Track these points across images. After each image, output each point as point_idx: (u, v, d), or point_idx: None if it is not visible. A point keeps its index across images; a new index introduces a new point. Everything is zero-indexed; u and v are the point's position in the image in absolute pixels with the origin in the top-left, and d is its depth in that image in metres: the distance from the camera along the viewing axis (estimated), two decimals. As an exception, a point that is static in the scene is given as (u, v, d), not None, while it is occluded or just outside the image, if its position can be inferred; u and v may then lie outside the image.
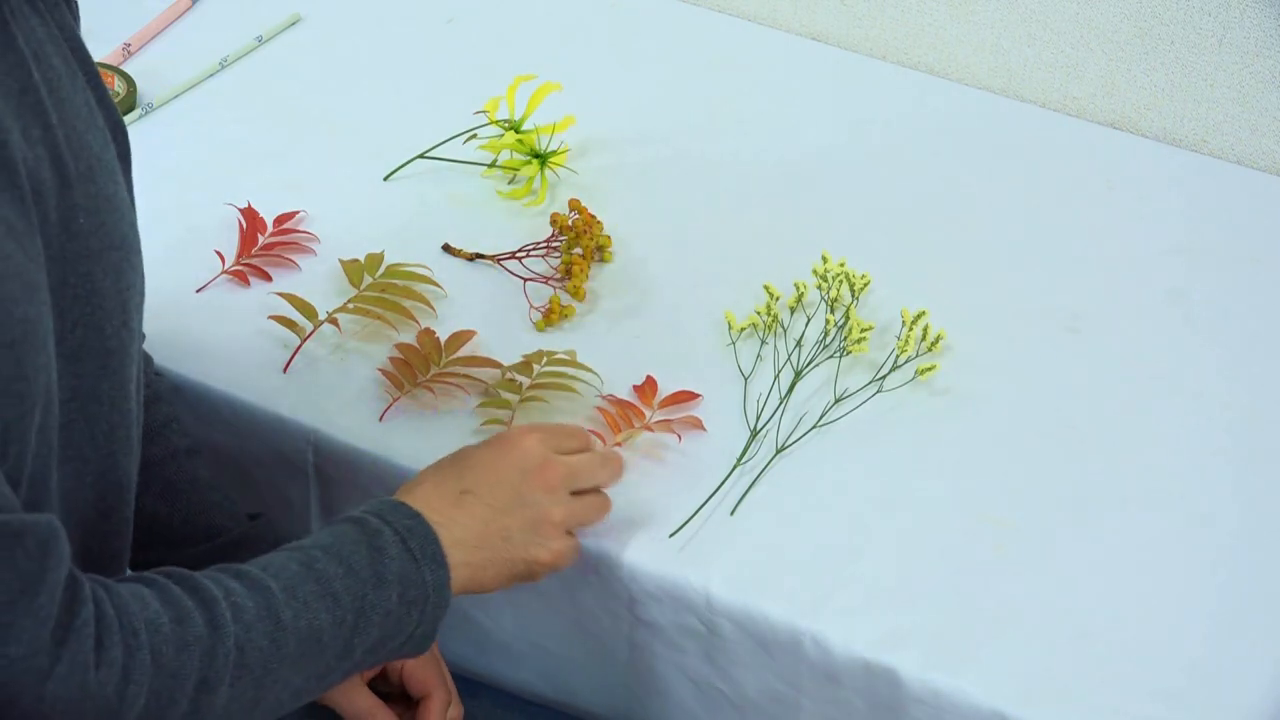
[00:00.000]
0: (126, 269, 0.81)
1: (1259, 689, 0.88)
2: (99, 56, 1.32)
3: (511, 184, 1.23)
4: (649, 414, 1.02)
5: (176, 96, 1.31)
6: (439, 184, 1.23)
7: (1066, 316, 1.13)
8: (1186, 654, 0.90)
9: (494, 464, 0.88)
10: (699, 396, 1.04)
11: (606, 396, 1.03)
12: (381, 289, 1.09)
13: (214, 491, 0.99)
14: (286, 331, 1.06)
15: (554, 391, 1.02)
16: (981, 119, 1.35)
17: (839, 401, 1.04)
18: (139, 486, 0.96)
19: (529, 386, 1.02)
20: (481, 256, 1.15)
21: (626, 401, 1.03)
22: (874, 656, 0.89)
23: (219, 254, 1.13)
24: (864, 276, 1.11)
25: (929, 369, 1.05)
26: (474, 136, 1.23)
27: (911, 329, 1.06)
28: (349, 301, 1.08)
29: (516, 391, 1.01)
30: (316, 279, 1.12)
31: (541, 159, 1.21)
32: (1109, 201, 1.25)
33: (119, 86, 1.28)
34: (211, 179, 1.22)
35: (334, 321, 1.07)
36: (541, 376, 1.02)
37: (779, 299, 1.10)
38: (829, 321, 1.09)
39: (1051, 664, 0.89)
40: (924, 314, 1.08)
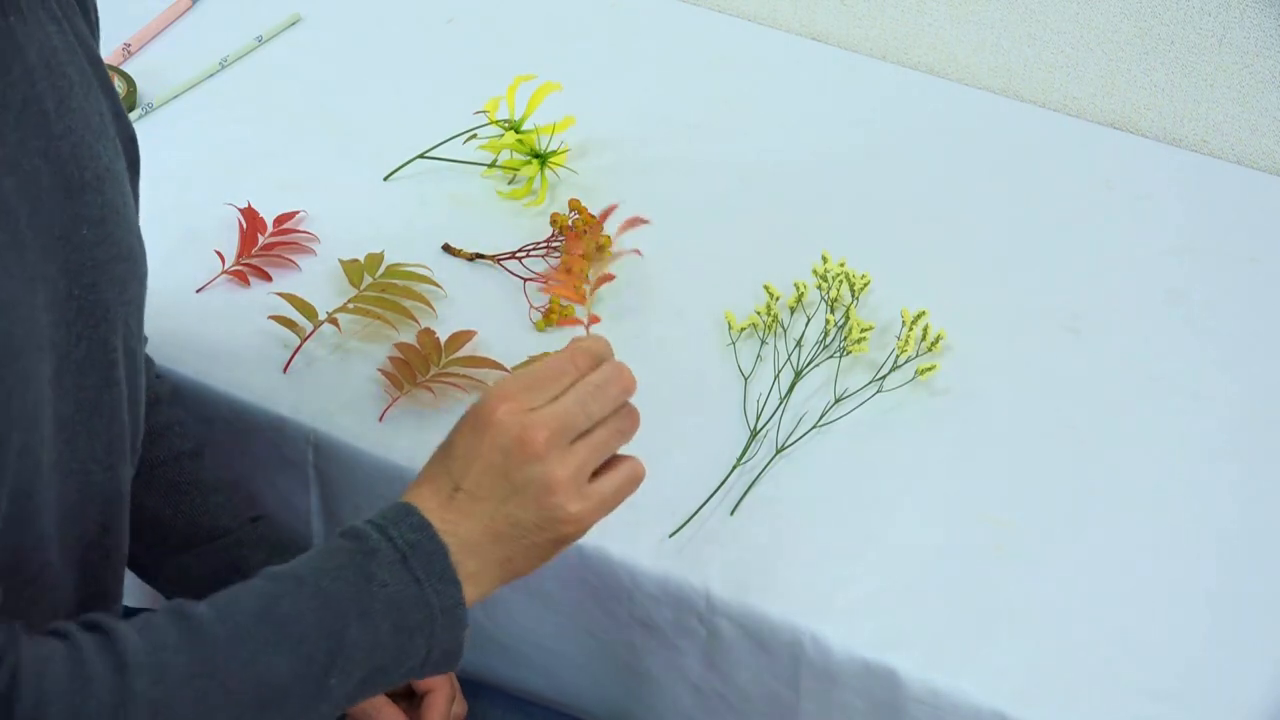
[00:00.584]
0: (131, 280, 0.80)
1: (1259, 689, 0.88)
2: (99, 56, 1.33)
3: (511, 184, 1.23)
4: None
5: (176, 96, 1.31)
6: (439, 184, 1.23)
7: (1066, 316, 1.13)
8: (1186, 654, 0.90)
9: (475, 450, 0.77)
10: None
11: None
12: (381, 289, 1.09)
13: (216, 494, 0.99)
14: (286, 331, 1.06)
15: None
16: (981, 119, 1.35)
17: (839, 401, 1.04)
18: (141, 487, 0.96)
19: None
20: (481, 256, 1.15)
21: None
22: (874, 656, 0.89)
23: (219, 254, 1.13)
24: (864, 276, 1.11)
25: (929, 369, 1.05)
26: (474, 136, 1.23)
27: (911, 329, 1.06)
28: (349, 301, 1.08)
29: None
30: (316, 279, 1.12)
31: (541, 159, 1.21)
32: (1109, 201, 1.25)
33: (119, 86, 1.28)
34: (211, 179, 1.22)
35: (334, 321, 1.07)
36: None
37: (779, 299, 1.10)
38: (829, 321, 1.09)
39: (1051, 664, 0.89)
40: (924, 314, 1.08)
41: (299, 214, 1.17)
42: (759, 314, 1.09)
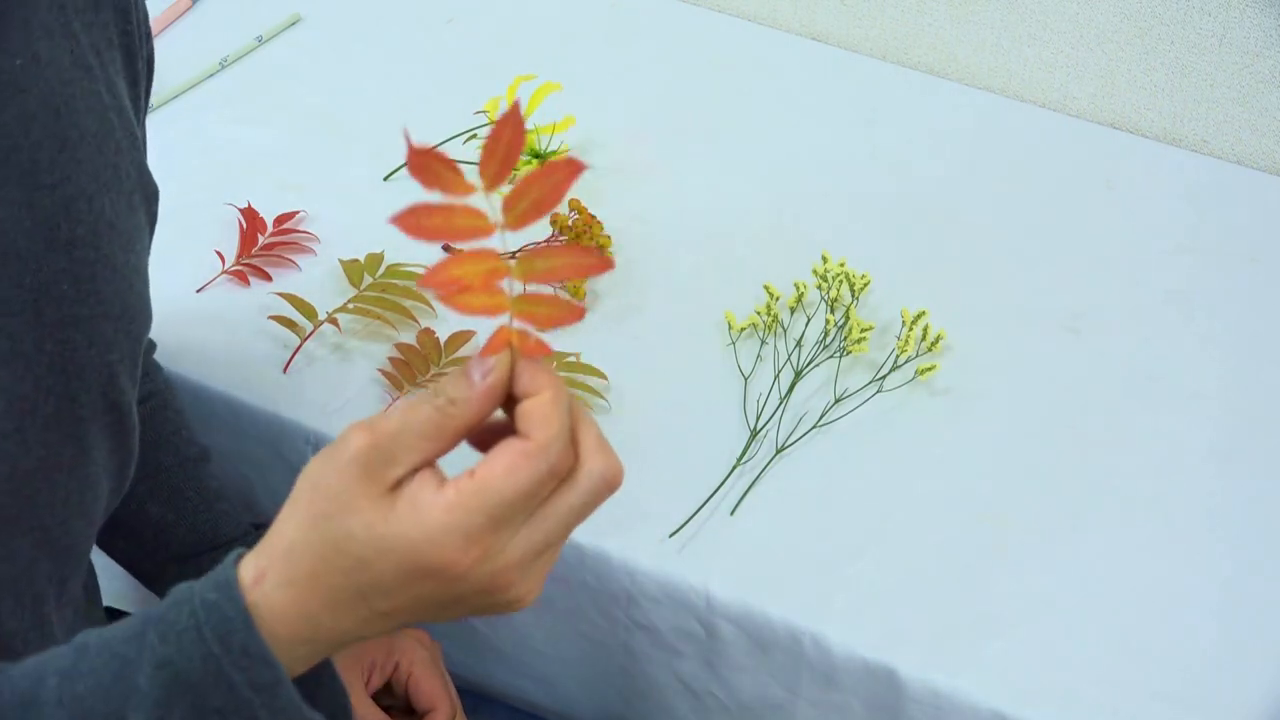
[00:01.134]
0: (119, 339, 0.75)
1: (1259, 689, 0.88)
2: (99, 56, 1.33)
3: (512, 184, 1.23)
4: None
5: (176, 96, 1.31)
6: (439, 184, 1.23)
7: (1066, 316, 1.13)
8: (1186, 654, 0.90)
9: (416, 591, 0.61)
10: None
11: None
12: (381, 289, 1.09)
13: (221, 501, 0.98)
14: (286, 331, 1.06)
15: None
16: (981, 119, 1.35)
17: (839, 401, 1.04)
18: (145, 493, 0.96)
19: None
20: (481, 256, 1.15)
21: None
22: (874, 656, 0.89)
23: (219, 254, 1.13)
24: (864, 276, 1.11)
25: (929, 369, 1.05)
26: (474, 136, 1.23)
27: (911, 329, 1.06)
28: (349, 301, 1.08)
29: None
30: (316, 279, 1.12)
31: (541, 159, 1.21)
32: (1109, 201, 1.25)
33: (119, 86, 1.28)
34: (211, 179, 1.22)
35: (334, 321, 1.07)
36: None
37: (779, 299, 1.10)
38: (829, 321, 1.09)
39: (1051, 664, 0.89)
40: (924, 314, 1.08)
41: (299, 214, 1.17)
42: (759, 314, 1.09)
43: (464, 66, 1.36)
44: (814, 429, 1.02)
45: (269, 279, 1.12)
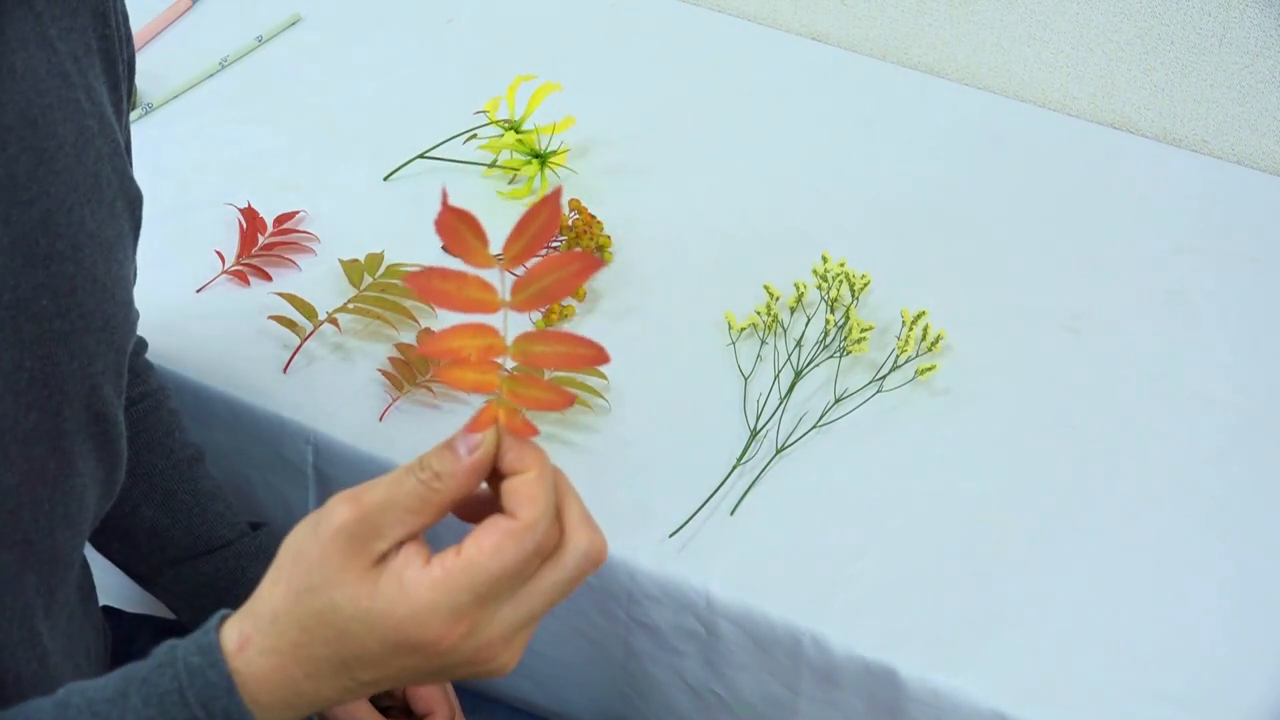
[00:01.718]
0: (103, 351, 0.74)
1: (1260, 689, 0.88)
2: (99, 56, 1.33)
3: (511, 184, 1.23)
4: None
5: (176, 96, 1.31)
6: (439, 184, 1.22)
7: (1066, 316, 1.13)
8: (1187, 654, 0.90)
9: (398, 663, 0.62)
10: None
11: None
12: (381, 289, 1.09)
13: (216, 501, 0.97)
14: (286, 331, 1.06)
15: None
16: (981, 119, 1.35)
17: (839, 401, 1.04)
18: (140, 497, 0.95)
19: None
20: (481, 256, 1.15)
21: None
22: (874, 656, 0.89)
23: (219, 254, 1.13)
24: (864, 276, 1.11)
25: (929, 369, 1.05)
26: (474, 136, 1.23)
27: (911, 329, 1.06)
28: (349, 301, 1.08)
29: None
30: (316, 279, 1.12)
31: (541, 159, 1.21)
32: (1109, 201, 1.25)
33: (119, 86, 1.28)
34: (211, 179, 1.22)
35: (334, 321, 1.07)
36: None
37: (779, 299, 1.10)
38: (829, 321, 1.09)
39: (1051, 664, 0.89)
40: (924, 314, 1.08)
41: (299, 214, 1.17)
42: (759, 314, 1.09)
43: (464, 66, 1.36)
44: (814, 429, 1.02)
45: (269, 279, 1.12)
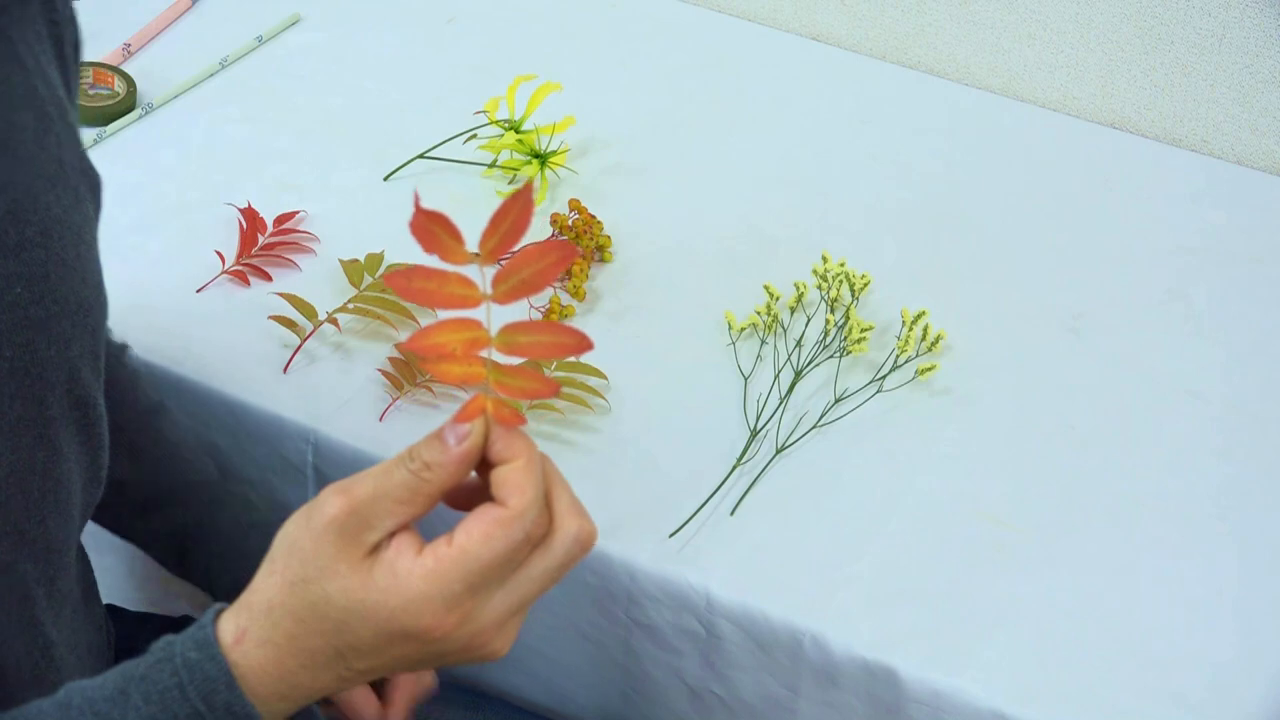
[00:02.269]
0: (79, 334, 0.74)
1: (1260, 688, 0.88)
2: (99, 56, 1.33)
3: (511, 184, 1.23)
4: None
5: (176, 96, 1.31)
6: (439, 184, 1.23)
7: (1067, 316, 1.13)
8: (1187, 654, 0.90)
9: (393, 651, 0.63)
10: None
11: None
12: (381, 289, 1.09)
13: (181, 448, 0.97)
14: (286, 331, 1.06)
15: (565, 402, 1.01)
16: (981, 119, 1.35)
17: (839, 401, 1.04)
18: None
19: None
20: (481, 256, 1.15)
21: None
22: (874, 656, 0.89)
23: (219, 254, 1.13)
24: (864, 276, 1.11)
25: (929, 369, 1.05)
26: (474, 136, 1.23)
27: (911, 329, 1.06)
28: (349, 301, 1.08)
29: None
30: (316, 279, 1.12)
31: (541, 159, 1.21)
32: (1109, 201, 1.26)
33: (119, 86, 1.28)
34: (211, 179, 1.22)
35: (334, 321, 1.07)
36: None
37: (779, 299, 1.10)
38: (829, 321, 1.09)
39: (1051, 664, 0.89)
40: (924, 314, 1.08)
41: (299, 214, 1.17)
42: (759, 314, 1.09)
43: (464, 66, 1.36)
44: (814, 429, 1.02)
45: (269, 279, 1.12)
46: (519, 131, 1.20)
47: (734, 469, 0.99)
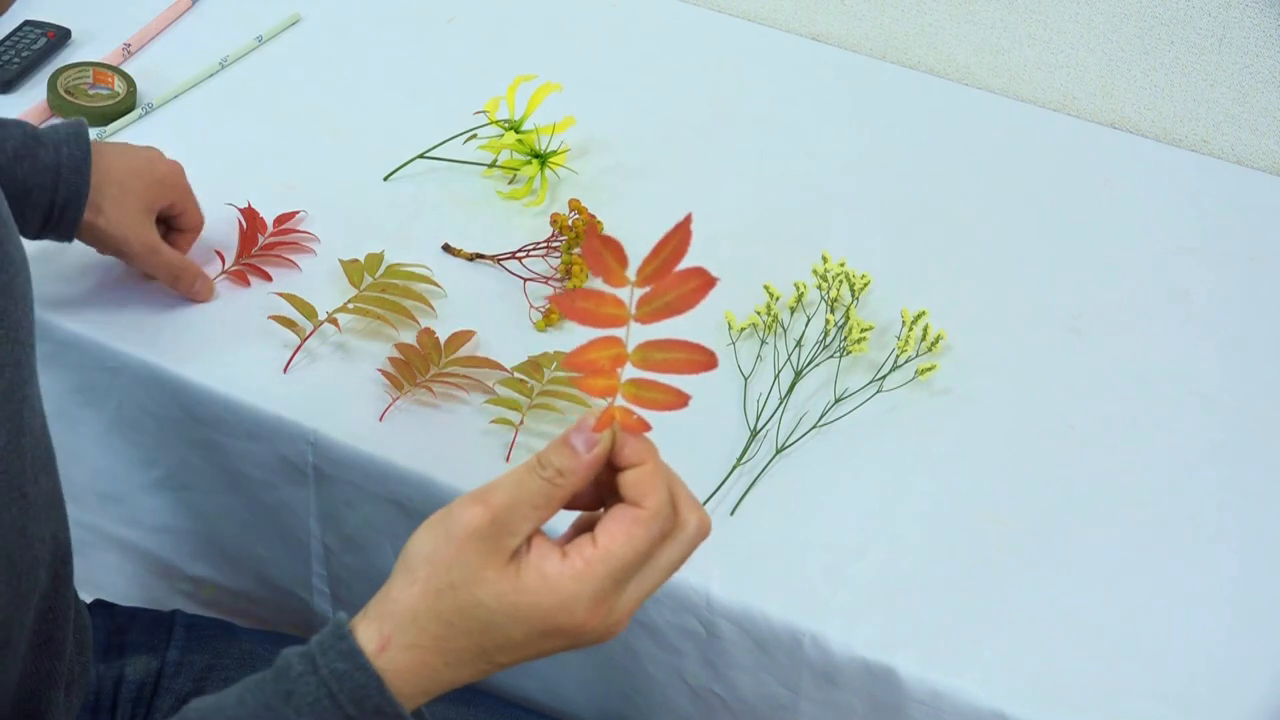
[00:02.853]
0: (29, 288, 0.79)
1: (1260, 689, 0.88)
2: (99, 56, 1.33)
3: (511, 184, 1.23)
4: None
5: (176, 96, 1.31)
6: (439, 184, 1.23)
7: (1067, 316, 1.13)
8: (1187, 654, 0.90)
9: (536, 643, 0.67)
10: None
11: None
12: (381, 289, 1.09)
13: None
14: (286, 331, 1.06)
15: (566, 402, 1.01)
16: (981, 119, 1.35)
17: (839, 401, 1.04)
18: None
19: (539, 392, 1.01)
20: (481, 256, 1.15)
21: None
22: (874, 656, 0.89)
23: (219, 254, 1.13)
24: (864, 276, 1.11)
25: (929, 369, 1.05)
26: (474, 136, 1.23)
27: (911, 329, 1.06)
28: (349, 301, 1.08)
29: (524, 393, 1.01)
30: (316, 279, 1.12)
31: (541, 159, 1.21)
32: (1109, 201, 1.26)
33: (119, 86, 1.28)
34: (211, 179, 1.21)
35: (334, 321, 1.07)
36: (553, 383, 1.02)
37: (779, 299, 1.10)
38: (829, 321, 1.09)
39: (1051, 664, 0.89)
40: (924, 314, 1.08)
41: (299, 214, 1.17)
42: (759, 314, 1.09)
43: (464, 66, 1.36)
44: (814, 429, 1.02)
45: (269, 279, 1.12)
46: (519, 131, 1.20)
47: (734, 469, 0.99)
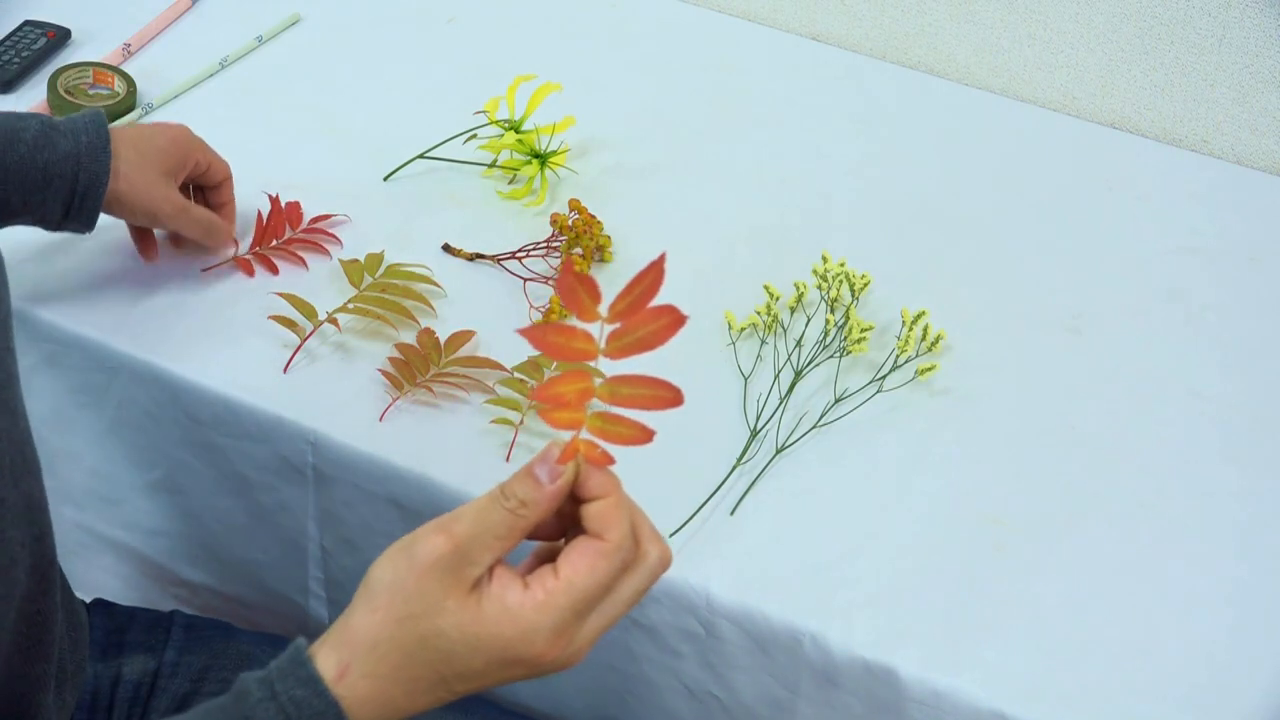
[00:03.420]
0: (3, 290, 0.80)
1: (1260, 688, 0.88)
2: (99, 56, 1.33)
3: (511, 184, 1.23)
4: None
5: (176, 96, 1.31)
6: (439, 184, 1.23)
7: (1067, 316, 1.13)
8: (1186, 654, 0.90)
9: (493, 672, 0.68)
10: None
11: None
12: (381, 289, 1.09)
13: None
14: (286, 331, 1.06)
15: None
16: (981, 119, 1.35)
17: (839, 401, 1.04)
18: None
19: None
20: (481, 256, 1.15)
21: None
22: (874, 656, 0.89)
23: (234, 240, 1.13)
24: (864, 276, 1.11)
25: (929, 369, 1.05)
26: (474, 136, 1.23)
27: (911, 329, 1.06)
28: (349, 301, 1.08)
29: (524, 393, 1.01)
30: (317, 279, 1.12)
31: (541, 159, 1.21)
32: (1109, 201, 1.26)
33: (119, 86, 1.28)
34: (211, 179, 1.22)
35: (334, 321, 1.07)
36: None
37: (779, 299, 1.10)
38: (829, 321, 1.09)
39: (1051, 664, 0.89)
40: (924, 314, 1.08)
41: (336, 216, 1.17)
42: (759, 314, 1.09)
43: (464, 66, 1.36)
44: (814, 429, 1.02)
45: (275, 271, 1.12)
46: (519, 131, 1.20)
47: (734, 469, 0.99)
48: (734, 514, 0.97)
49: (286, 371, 1.05)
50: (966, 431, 1.03)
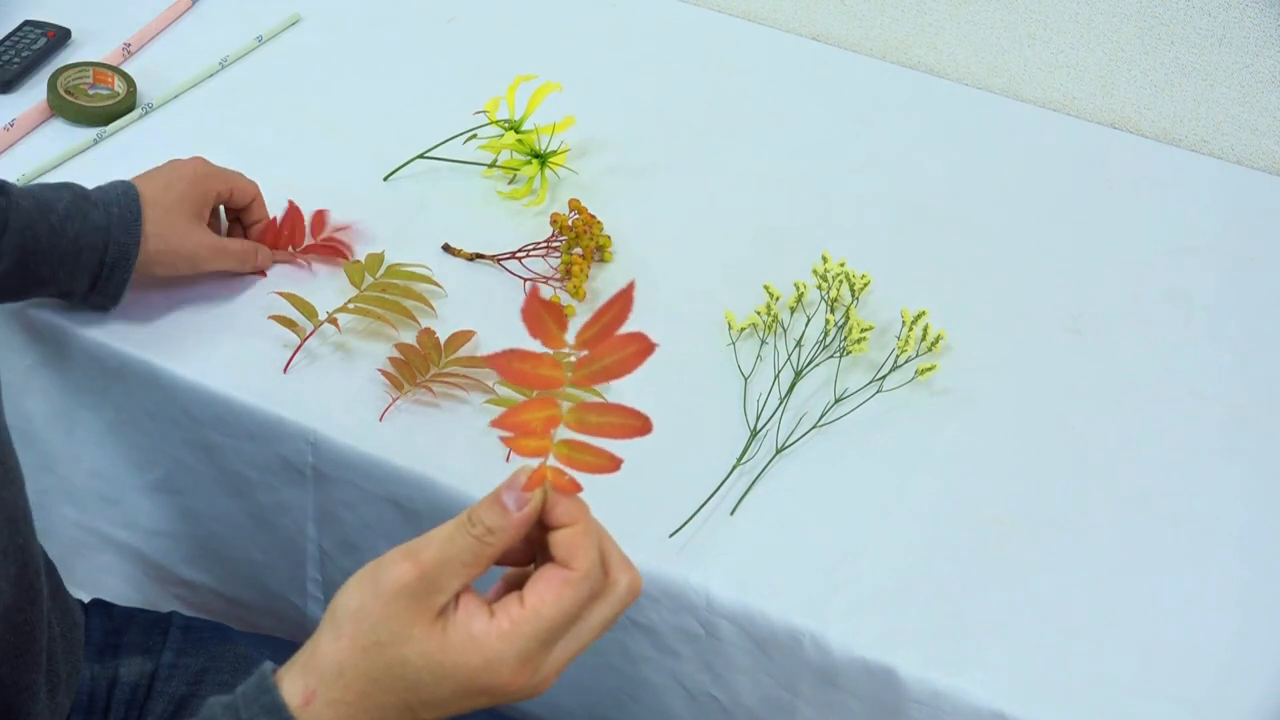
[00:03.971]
0: None
1: (1261, 688, 0.88)
2: (99, 56, 1.33)
3: (511, 184, 1.23)
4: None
5: (176, 96, 1.31)
6: (439, 184, 1.23)
7: (1067, 316, 1.13)
8: (1187, 654, 0.90)
9: (458, 701, 0.68)
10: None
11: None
12: (381, 289, 1.09)
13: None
14: (286, 331, 1.06)
15: (566, 402, 1.01)
16: (981, 119, 1.35)
17: (839, 401, 1.04)
18: None
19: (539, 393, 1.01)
20: (481, 256, 1.15)
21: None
22: (874, 656, 0.89)
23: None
24: (864, 276, 1.11)
25: (929, 369, 1.05)
26: (474, 136, 1.23)
27: (911, 329, 1.06)
28: (349, 301, 1.08)
29: (524, 393, 1.01)
30: (317, 279, 1.12)
31: (541, 159, 1.21)
32: (1109, 201, 1.26)
33: (119, 86, 1.28)
34: (211, 179, 1.22)
35: (334, 321, 1.07)
36: None
37: (779, 299, 1.10)
38: (829, 321, 1.09)
39: (1051, 664, 0.89)
40: (924, 314, 1.08)
41: (349, 226, 1.17)
42: (759, 314, 1.09)
43: (464, 66, 1.36)
44: (814, 429, 1.02)
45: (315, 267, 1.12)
46: (519, 131, 1.20)
47: (734, 469, 0.99)
48: (734, 514, 0.97)
49: (286, 371, 1.05)
50: (966, 431, 1.03)
